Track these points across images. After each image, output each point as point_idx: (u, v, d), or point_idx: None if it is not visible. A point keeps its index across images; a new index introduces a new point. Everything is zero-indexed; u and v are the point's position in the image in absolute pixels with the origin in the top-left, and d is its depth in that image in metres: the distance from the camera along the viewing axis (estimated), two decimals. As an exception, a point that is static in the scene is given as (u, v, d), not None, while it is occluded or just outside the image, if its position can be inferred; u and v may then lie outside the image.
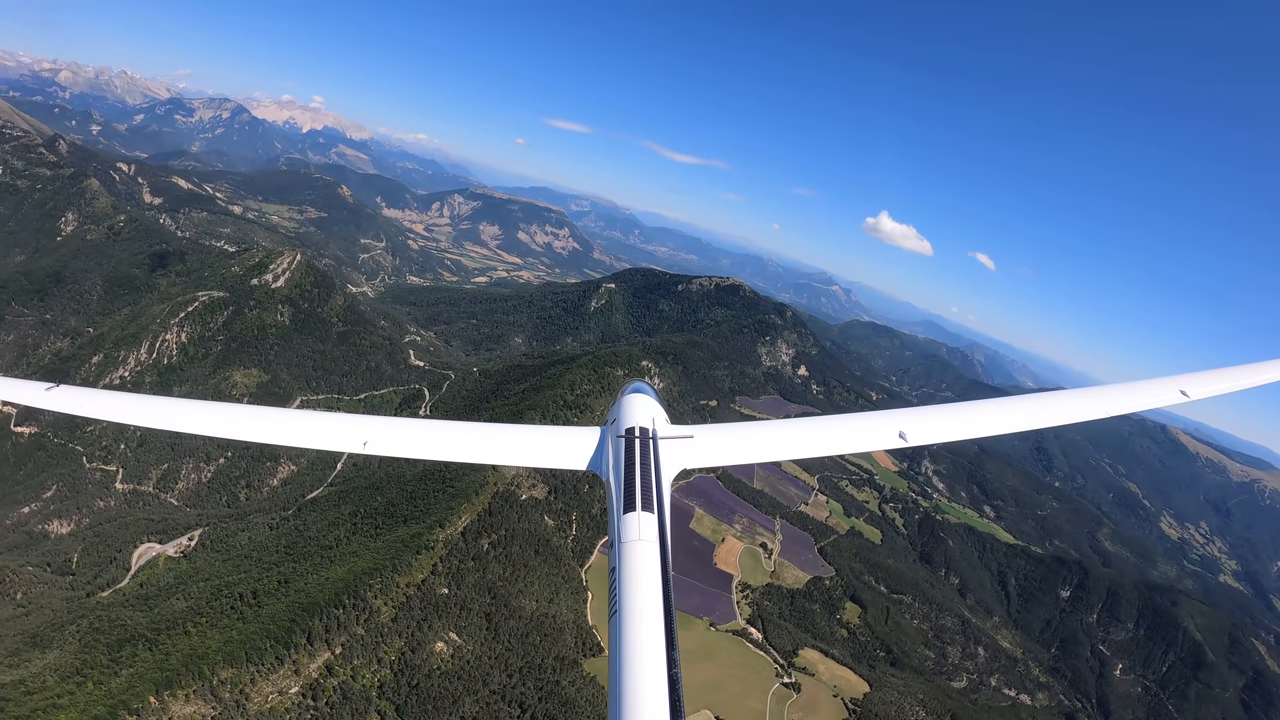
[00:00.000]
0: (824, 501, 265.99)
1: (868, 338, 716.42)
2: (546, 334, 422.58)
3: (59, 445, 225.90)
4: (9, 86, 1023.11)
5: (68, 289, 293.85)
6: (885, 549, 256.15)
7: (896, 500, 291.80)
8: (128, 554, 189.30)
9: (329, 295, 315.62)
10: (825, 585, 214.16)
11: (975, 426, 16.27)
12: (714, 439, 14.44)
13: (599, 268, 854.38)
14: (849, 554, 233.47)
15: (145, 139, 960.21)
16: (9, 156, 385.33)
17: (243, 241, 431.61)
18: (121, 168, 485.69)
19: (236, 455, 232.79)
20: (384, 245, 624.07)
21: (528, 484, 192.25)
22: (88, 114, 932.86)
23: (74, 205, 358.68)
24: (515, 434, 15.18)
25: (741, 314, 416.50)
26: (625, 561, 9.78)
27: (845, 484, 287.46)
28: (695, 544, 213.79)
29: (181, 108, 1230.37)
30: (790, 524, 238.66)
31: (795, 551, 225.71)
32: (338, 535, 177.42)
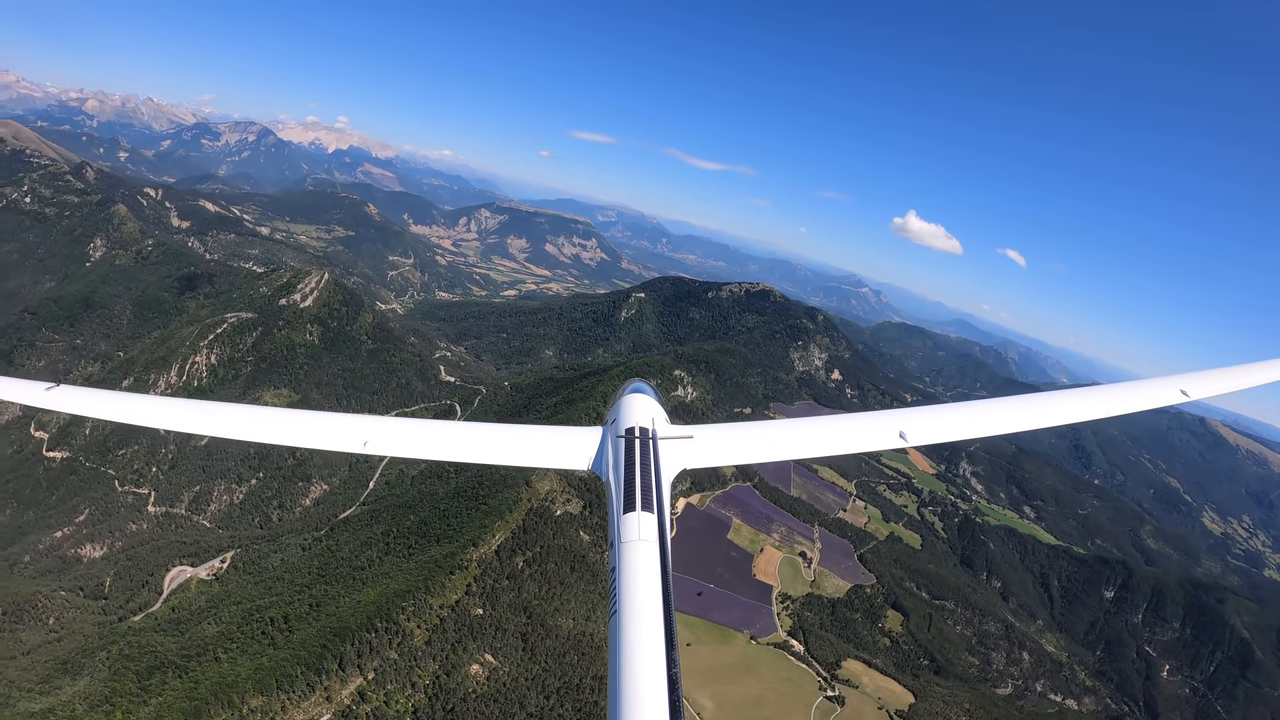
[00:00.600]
0: (862, 507, 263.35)
1: (900, 339, 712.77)
2: (577, 346, 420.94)
3: (91, 469, 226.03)
4: (37, 116, 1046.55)
5: (97, 314, 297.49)
6: (925, 554, 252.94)
7: (935, 503, 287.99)
8: (160, 577, 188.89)
9: (358, 313, 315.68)
10: (866, 593, 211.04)
11: (975, 426, 16.30)
12: (714, 439, 14.50)
13: (628, 277, 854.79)
14: (889, 560, 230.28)
15: (172, 164, 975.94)
16: (37, 185, 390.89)
17: (271, 262, 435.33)
18: (149, 193, 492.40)
19: (269, 476, 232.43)
20: (412, 262, 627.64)
21: (562, 499, 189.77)
22: (115, 141, 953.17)
23: (102, 231, 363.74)
24: (516, 434, 15.46)
25: (773, 319, 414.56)
26: (625, 561, 9.80)
27: (883, 488, 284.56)
28: (734, 555, 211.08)
29: (208, 132, 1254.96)
30: (829, 531, 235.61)
31: (835, 559, 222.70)
32: (370, 556, 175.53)
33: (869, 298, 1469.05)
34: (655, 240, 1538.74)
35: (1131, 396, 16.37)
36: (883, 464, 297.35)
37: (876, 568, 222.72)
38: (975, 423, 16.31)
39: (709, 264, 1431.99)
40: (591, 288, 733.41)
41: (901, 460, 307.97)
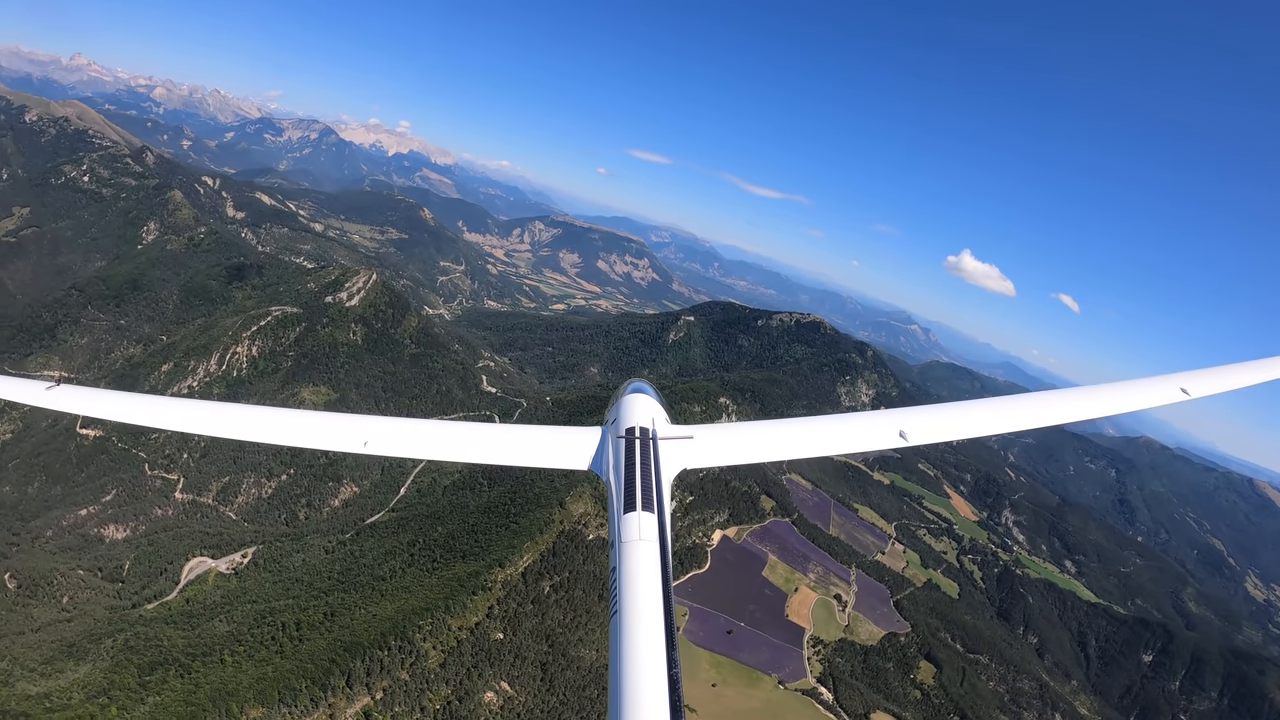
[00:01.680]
0: (901, 551, 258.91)
1: (947, 379, 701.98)
2: (623, 365, 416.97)
3: (122, 450, 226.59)
4: (105, 100, 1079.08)
5: (144, 296, 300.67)
6: (963, 604, 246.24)
7: (975, 551, 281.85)
8: (179, 566, 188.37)
9: (403, 316, 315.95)
10: (900, 642, 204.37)
11: (975, 426, 16.18)
12: (714, 439, 14.59)
13: (678, 299, 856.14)
14: (925, 608, 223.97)
15: (234, 155, 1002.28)
16: (96, 165, 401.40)
17: (322, 259, 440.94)
18: (207, 181, 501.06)
19: (300, 473, 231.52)
20: (463, 269, 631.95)
21: (595, 523, 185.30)
22: (179, 129, 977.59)
23: (156, 215, 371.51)
24: (516, 434, 15.55)
25: (822, 352, 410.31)
26: (625, 561, 9.92)
27: (923, 532, 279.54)
28: (768, 593, 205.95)
29: (271, 127, 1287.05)
30: (866, 574, 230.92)
31: (870, 604, 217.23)
32: (393, 566, 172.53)
33: (918, 335, 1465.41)
34: (707, 264, 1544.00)
35: (1131, 395, 16.41)
36: (924, 507, 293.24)
37: (912, 615, 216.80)
38: (975, 422, 16.23)
39: (759, 291, 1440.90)
40: (641, 307, 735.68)
41: (944, 505, 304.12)
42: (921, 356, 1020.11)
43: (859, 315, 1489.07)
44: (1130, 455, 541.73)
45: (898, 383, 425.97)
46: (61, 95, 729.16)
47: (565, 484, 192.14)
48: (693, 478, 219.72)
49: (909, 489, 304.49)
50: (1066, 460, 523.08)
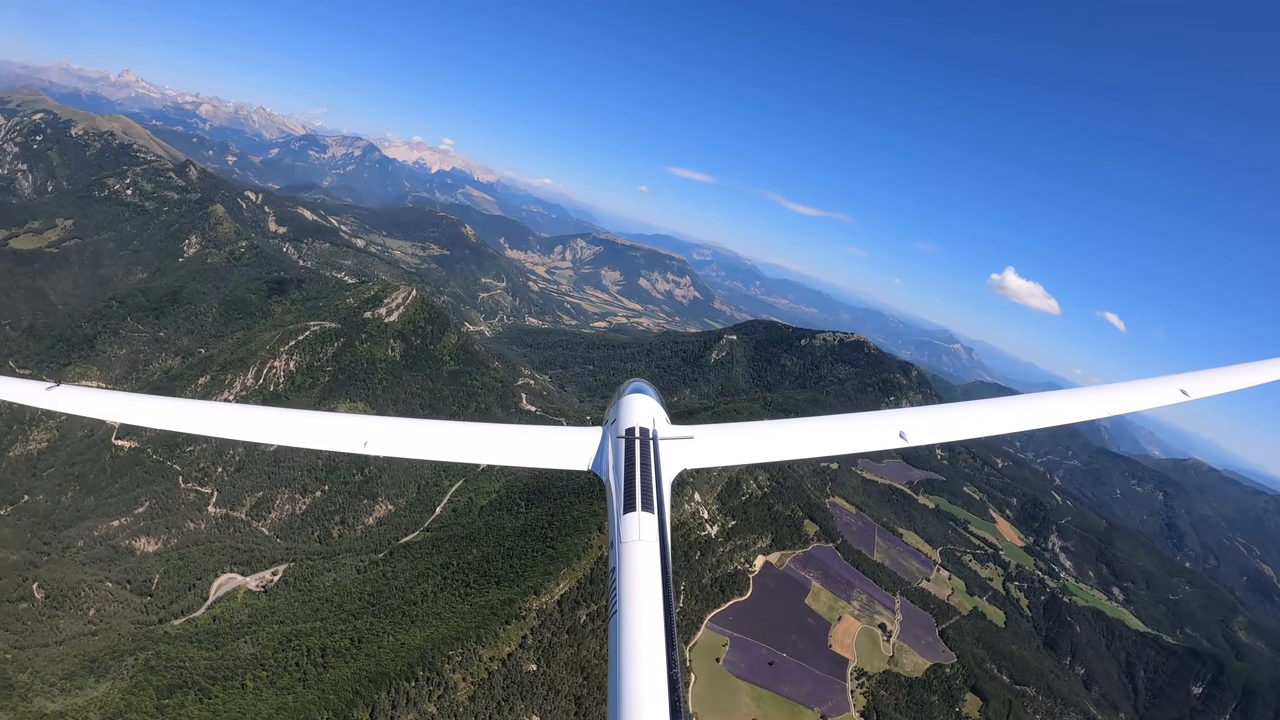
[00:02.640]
0: (946, 578, 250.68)
1: (990, 398, 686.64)
2: (664, 384, 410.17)
3: (157, 462, 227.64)
4: (153, 116, 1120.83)
5: (183, 309, 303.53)
6: (1009, 633, 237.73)
7: (1022, 578, 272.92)
8: (208, 582, 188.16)
9: (442, 333, 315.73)
10: (945, 673, 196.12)
11: (975, 426, 16.26)
12: (714, 439, 14.62)
13: (719, 318, 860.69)
14: (971, 638, 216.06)
15: (278, 171, 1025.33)
16: (139, 179, 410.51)
17: (363, 274, 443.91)
18: (249, 196, 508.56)
19: (334, 489, 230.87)
20: (504, 285, 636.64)
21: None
22: (225, 145, 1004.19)
23: (198, 229, 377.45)
24: (516, 434, 15.52)
25: (866, 372, 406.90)
26: (625, 562, 9.98)
27: (969, 558, 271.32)
28: (810, 622, 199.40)
29: (315, 144, 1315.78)
30: (911, 602, 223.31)
31: (915, 634, 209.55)
32: (424, 589, 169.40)
33: (960, 355, 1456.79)
34: (749, 282, 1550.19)
35: (1131, 396, 16.44)
36: (970, 532, 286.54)
37: (958, 645, 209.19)
38: (975, 423, 16.27)
39: (801, 309, 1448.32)
40: (682, 325, 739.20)
41: (989, 529, 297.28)
42: (964, 376, 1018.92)
43: (901, 334, 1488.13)
44: (1178, 478, 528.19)
45: (941, 403, 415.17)
46: (109, 111, 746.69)
47: (604, 509, 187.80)
48: (735, 501, 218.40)
49: (954, 513, 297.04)
50: (1113, 483, 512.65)
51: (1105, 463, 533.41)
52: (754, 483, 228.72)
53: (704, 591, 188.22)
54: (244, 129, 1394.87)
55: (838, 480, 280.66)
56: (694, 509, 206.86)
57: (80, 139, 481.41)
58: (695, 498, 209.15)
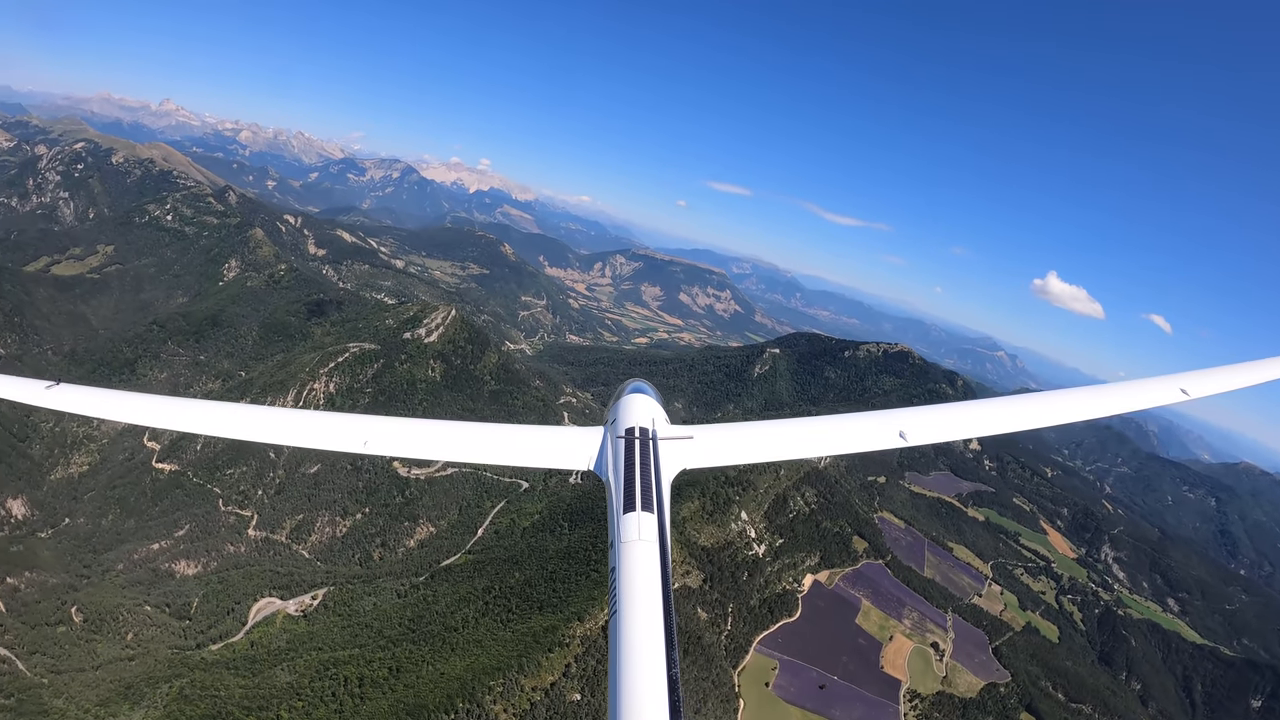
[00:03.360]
0: (998, 592, 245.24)
1: None
2: (707, 399, 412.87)
3: (197, 485, 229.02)
4: (193, 143, 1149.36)
5: (224, 332, 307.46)
6: (1063, 648, 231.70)
7: (1075, 591, 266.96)
8: (247, 606, 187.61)
9: (483, 352, 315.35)
10: (1000, 693, 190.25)
11: (975, 426, 16.58)
12: (714, 439, 14.77)
13: (760, 331, 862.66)
14: (1025, 655, 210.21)
15: (318, 195, 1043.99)
16: (179, 204, 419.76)
17: (403, 295, 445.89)
18: (288, 220, 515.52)
19: (375, 512, 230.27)
20: (545, 303, 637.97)
21: (681, 570, 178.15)
22: (265, 170, 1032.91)
23: (237, 253, 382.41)
24: (517, 434, 15.61)
25: (911, 382, 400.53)
26: (625, 562, 10.10)
27: (1020, 572, 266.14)
28: (861, 643, 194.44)
29: (354, 167, 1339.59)
30: (963, 619, 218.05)
31: (968, 652, 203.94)
32: (465, 615, 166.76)
33: (1004, 362, 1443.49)
34: (789, 294, 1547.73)
35: (1131, 396, 16.78)
36: (1021, 545, 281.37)
37: (1012, 663, 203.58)
38: (975, 422, 16.61)
39: (842, 320, 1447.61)
40: (724, 340, 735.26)
41: (1041, 541, 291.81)
42: (1009, 384, 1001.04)
43: (944, 343, 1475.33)
44: (1230, 482, 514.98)
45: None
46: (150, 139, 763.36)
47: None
48: (782, 519, 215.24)
49: (1005, 525, 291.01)
50: (1164, 490, 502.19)
51: (1155, 469, 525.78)
52: (801, 499, 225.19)
53: (752, 613, 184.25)
54: (283, 154, 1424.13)
55: (886, 494, 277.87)
56: (740, 528, 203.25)
57: (121, 166, 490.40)
58: (742, 516, 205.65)
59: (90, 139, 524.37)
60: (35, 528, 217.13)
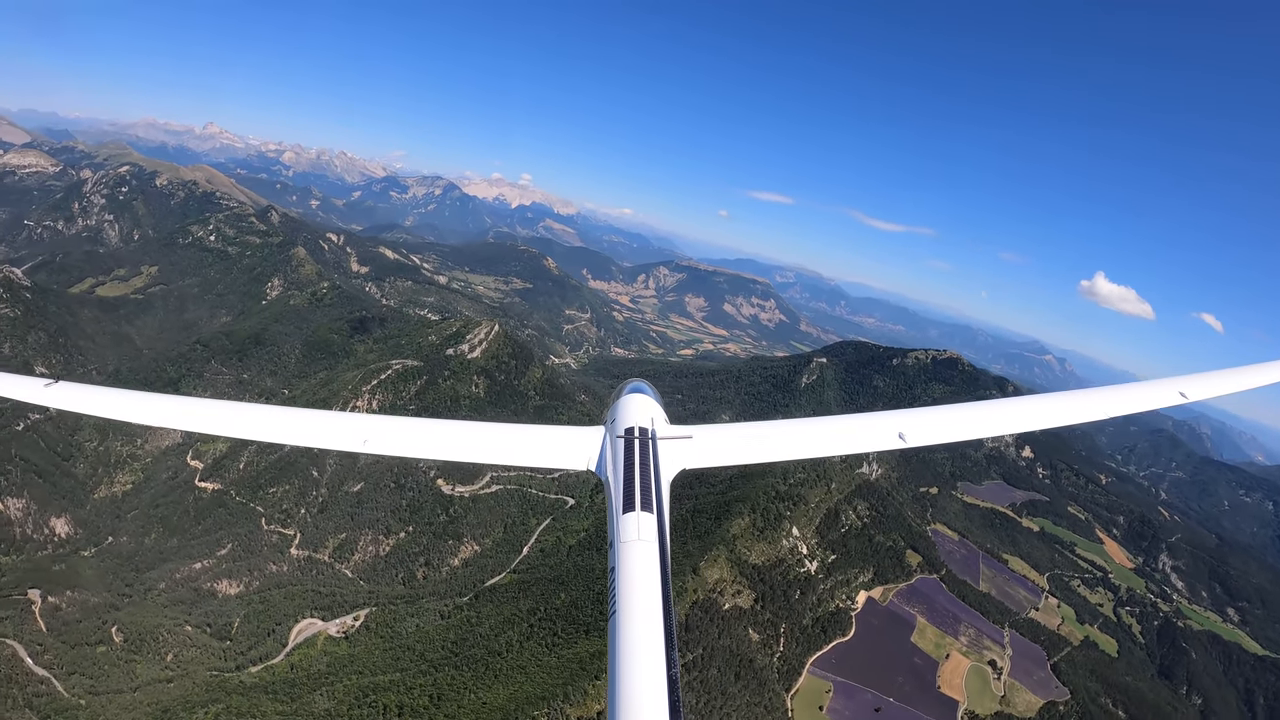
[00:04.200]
0: (1055, 605, 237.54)
1: None
2: (755, 411, 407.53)
3: (240, 504, 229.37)
4: (237, 165, 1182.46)
5: (266, 351, 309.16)
6: (1122, 663, 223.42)
7: (1133, 602, 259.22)
8: (288, 627, 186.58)
9: (526, 367, 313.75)
10: (1059, 712, 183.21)
11: (974, 427, 16.66)
12: (713, 439, 15.29)
13: (806, 340, 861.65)
14: (1084, 671, 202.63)
15: (361, 213, 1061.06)
16: (222, 225, 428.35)
17: (446, 310, 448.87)
18: (331, 238, 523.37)
19: (419, 530, 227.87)
20: (589, 316, 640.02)
21: (732, 590, 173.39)
22: (308, 190, 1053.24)
23: (280, 272, 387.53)
24: (517, 434, 15.96)
25: (960, 390, 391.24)
26: (624, 562, 10.32)
27: (1077, 583, 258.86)
28: (917, 662, 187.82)
29: (396, 185, 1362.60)
30: (1020, 634, 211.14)
31: (1026, 669, 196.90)
32: (509, 638, 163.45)
33: (1053, 366, 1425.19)
34: (833, 302, 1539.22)
35: (1130, 398, 17.26)
36: (1077, 555, 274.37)
37: (1071, 680, 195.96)
38: (974, 424, 16.73)
39: (888, 328, 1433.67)
40: (769, 349, 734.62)
41: (1097, 551, 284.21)
42: (1058, 388, 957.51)
43: (991, 348, 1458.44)
44: None
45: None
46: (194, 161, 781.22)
47: (699, 547, 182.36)
48: (834, 534, 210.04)
49: (1060, 535, 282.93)
50: (1220, 494, 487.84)
51: (1210, 473, 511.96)
52: (853, 513, 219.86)
53: (805, 633, 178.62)
54: (326, 174, 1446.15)
55: (939, 506, 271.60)
56: (792, 544, 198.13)
57: (164, 189, 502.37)
58: (793, 532, 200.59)
59: (134, 162, 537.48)
60: (78, 546, 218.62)
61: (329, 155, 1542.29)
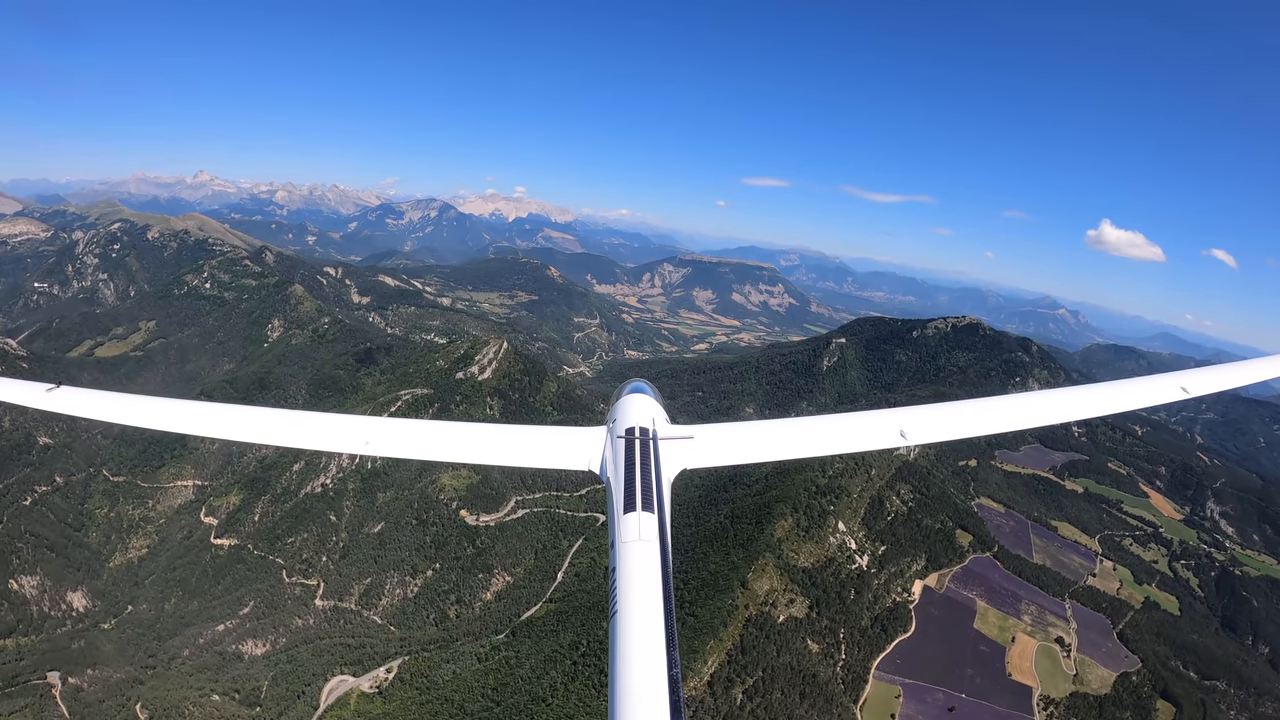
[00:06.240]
0: (1111, 569, 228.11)
1: (1111, 362, 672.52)
2: (779, 400, 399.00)
3: (259, 558, 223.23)
4: (231, 209, 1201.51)
5: (271, 394, 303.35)
6: (1185, 620, 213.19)
7: (1187, 555, 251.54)
8: (318, 688, 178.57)
9: (540, 382, 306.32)
10: (1133, 682, 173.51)
11: (976, 425, 16.43)
12: (714, 439, 14.91)
13: (819, 321, 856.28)
14: (1150, 635, 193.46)
15: (358, 244, 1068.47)
16: (216, 271, 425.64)
17: (453, 332, 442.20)
18: (329, 271, 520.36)
19: (445, 567, 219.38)
20: (598, 322, 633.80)
21: (784, 599, 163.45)
22: (303, 226, 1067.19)
23: (279, 312, 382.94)
24: (517, 434, 15.92)
25: (985, 355, 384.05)
26: (625, 562, 10.09)
27: (1129, 542, 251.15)
28: (983, 650, 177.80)
29: (391, 212, 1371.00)
30: (1081, 604, 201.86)
31: (1093, 641, 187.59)
32: (553, 680, 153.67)
33: (1067, 320, 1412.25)
34: (840, 280, 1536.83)
35: (1132, 394, 17.12)
36: (1125, 513, 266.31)
37: (1138, 646, 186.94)
38: (975, 421, 16.41)
39: (898, 299, 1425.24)
40: (783, 335, 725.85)
41: (1144, 505, 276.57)
42: (1076, 342, 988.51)
43: (1003, 309, 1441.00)
44: None
45: (1067, 375, 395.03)
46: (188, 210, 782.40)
47: (744, 557, 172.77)
48: (880, 524, 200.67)
49: (1105, 493, 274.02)
50: (1255, 431, 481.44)
51: (1242, 411, 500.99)
52: (897, 499, 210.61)
53: (865, 636, 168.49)
54: (320, 208, 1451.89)
55: (980, 479, 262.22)
56: (840, 540, 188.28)
57: (156, 241, 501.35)
58: (839, 527, 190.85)
59: (125, 218, 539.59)
60: (97, 619, 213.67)
61: (321, 189, 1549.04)
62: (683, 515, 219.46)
